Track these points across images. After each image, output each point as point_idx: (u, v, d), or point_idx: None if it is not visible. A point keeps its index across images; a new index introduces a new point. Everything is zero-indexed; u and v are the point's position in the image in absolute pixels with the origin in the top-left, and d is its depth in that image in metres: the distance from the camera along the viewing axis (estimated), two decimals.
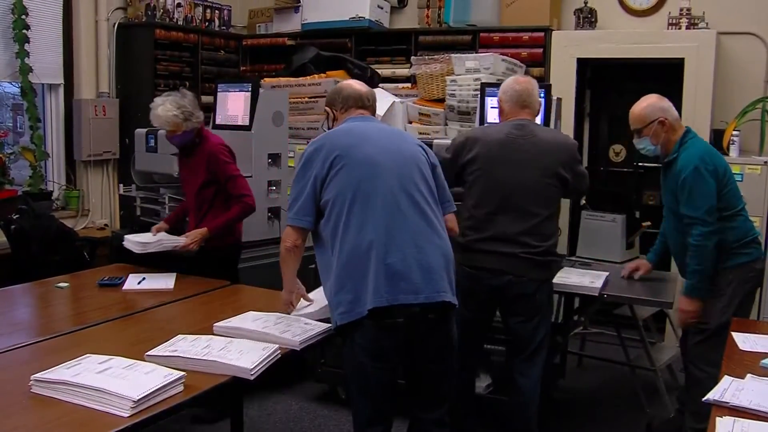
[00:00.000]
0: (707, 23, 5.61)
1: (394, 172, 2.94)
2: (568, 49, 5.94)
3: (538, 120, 4.04)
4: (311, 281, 4.41)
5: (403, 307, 2.81)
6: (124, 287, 3.88)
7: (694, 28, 5.64)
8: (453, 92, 4.99)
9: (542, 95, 4.45)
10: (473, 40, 6.37)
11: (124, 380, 2.33)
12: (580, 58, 5.94)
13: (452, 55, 5.34)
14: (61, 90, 6.11)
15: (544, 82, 5.76)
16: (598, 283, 4.11)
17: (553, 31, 6.07)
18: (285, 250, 3.05)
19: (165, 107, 4.15)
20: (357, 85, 3.28)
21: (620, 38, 5.80)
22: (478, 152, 3.65)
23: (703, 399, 2.45)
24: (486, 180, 3.63)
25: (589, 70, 6.38)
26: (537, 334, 3.72)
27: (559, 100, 4.70)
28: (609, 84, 6.52)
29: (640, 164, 6.42)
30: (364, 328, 2.84)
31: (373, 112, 3.26)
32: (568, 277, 4.25)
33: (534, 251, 3.60)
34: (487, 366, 4.34)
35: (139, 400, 2.23)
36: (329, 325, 3.03)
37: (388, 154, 2.98)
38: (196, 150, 4.30)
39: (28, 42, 5.59)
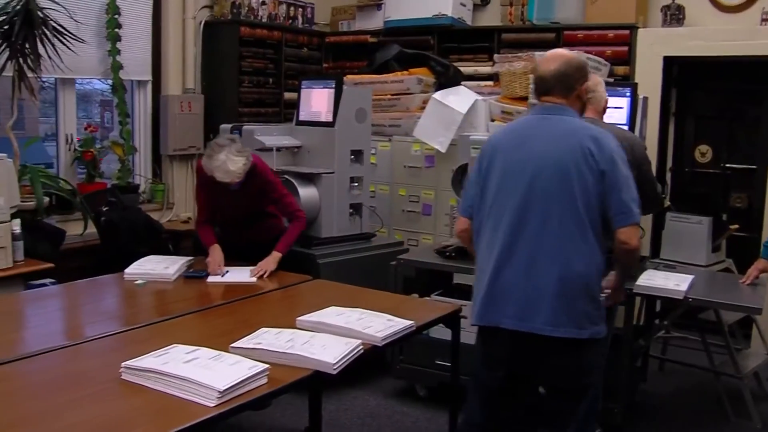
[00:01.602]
0: None
1: (534, 184, 2.79)
2: (654, 47, 5.82)
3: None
4: (391, 280, 4.45)
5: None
6: (208, 279, 3.95)
7: None
8: None
9: (629, 94, 4.41)
10: (557, 37, 6.28)
11: (210, 371, 2.38)
12: (666, 56, 5.82)
13: (536, 53, 5.28)
14: (149, 86, 6.25)
15: (629, 81, 5.68)
16: (684, 287, 4.01)
17: (639, 29, 5.95)
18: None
19: (232, 161, 3.97)
20: (543, 64, 2.96)
21: (710, 35, 5.66)
22: None
23: None
24: None
25: (675, 68, 6.24)
26: None
27: (645, 99, 4.61)
28: (695, 83, 6.36)
29: (727, 165, 6.25)
30: (479, 335, 2.94)
31: (568, 88, 2.91)
32: (652, 279, 4.16)
33: None
34: None
35: (224, 390, 2.27)
36: (411, 322, 3.07)
37: (537, 161, 2.81)
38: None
39: (120, 40, 5.75)
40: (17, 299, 3.82)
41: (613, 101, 4.37)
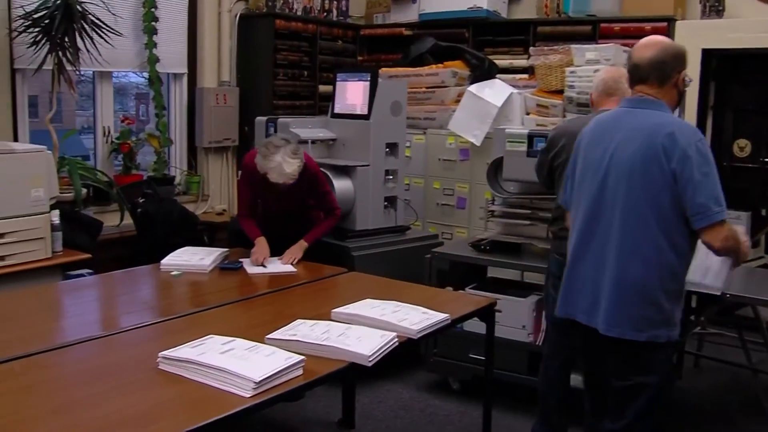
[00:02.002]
0: None
1: (606, 182, 2.78)
2: (693, 39, 5.72)
3: None
4: (425, 273, 4.45)
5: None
6: (248, 270, 3.98)
7: None
8: (572, 83, 4.90)
9: None
10: (593, 30, 6.23)
11: (246, 362, 2.39)
12: (705, 48, 5.73)
13: (572, 45, 5.24)
14: (185, 79, 6.31)
15: None
16: (720, 283, 3.96)
17: (677, 21, 5.87)
18: None
19: (288, 163, 3.95)
20: (638, 51, 2.90)
21: (750, 27, 5.54)
22: (564, 144, 3.61)
23: None
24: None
25: (714, 61, 6.14)
26: None
27: None
28: (735, 76, 6.26)
29: (766, 160, 6.16)
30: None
31: (664, 76, 2.83)
32: (688, 275, 4.10)
33: None
34: None
35: (260, 381, 2.28)
36: (446, 315, 3.07)
37: (611, 158, 2.77)
38: None
39: (156, 33, 5.79)
40: (55, 289, 3.88)
41: None
